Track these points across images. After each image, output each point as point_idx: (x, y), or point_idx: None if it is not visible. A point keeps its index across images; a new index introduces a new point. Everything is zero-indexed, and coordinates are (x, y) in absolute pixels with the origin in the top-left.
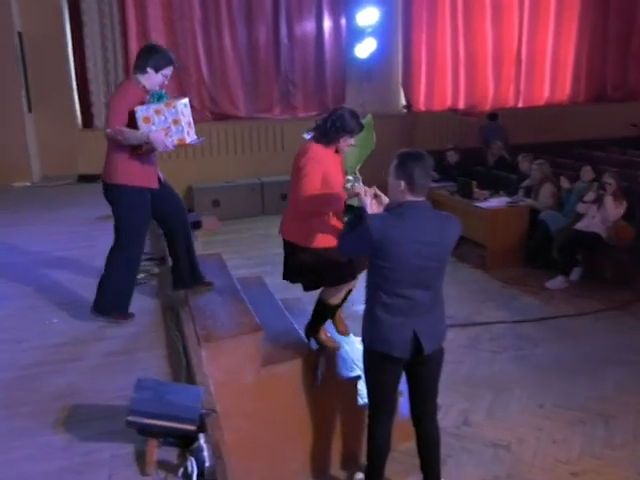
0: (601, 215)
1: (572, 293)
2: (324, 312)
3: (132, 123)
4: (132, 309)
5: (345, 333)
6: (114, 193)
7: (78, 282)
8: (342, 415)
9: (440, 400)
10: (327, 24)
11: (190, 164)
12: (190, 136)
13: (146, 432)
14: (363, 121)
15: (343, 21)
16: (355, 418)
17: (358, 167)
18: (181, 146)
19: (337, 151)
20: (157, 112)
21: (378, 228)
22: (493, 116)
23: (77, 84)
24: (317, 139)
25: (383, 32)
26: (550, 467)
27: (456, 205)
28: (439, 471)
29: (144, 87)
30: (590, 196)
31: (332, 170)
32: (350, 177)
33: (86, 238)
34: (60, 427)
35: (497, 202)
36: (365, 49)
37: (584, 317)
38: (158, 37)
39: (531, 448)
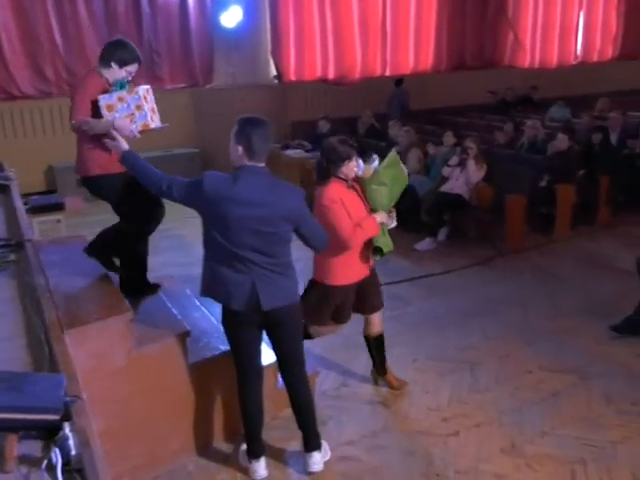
0: (464, 177)
1: (440, 252)
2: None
3: (96, 113)
4: None
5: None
6: (93, 185)
7: None
8: (220, 388)
9: (319, 365)
10: None
11: (50, 141)
12: (154, 121)
13: (3, 427)
14: (388, 158)
15: None
16: (234, 390)
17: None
18: (146, 131)
19: (350, 185)
20: (120, 99)
21: (211, 184)
22: (399, 82)
23: None
24: (322, 181)
25: (249, 0)
26: (423, 416)
27: None
28: (316, 431)
29: (107, 80)
30: (454, 160)
31: (350, 204)
32: (383, 218)
33: None
34: None
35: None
36: (231, 18)
37: (451, 274)
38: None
39: (406, 401)
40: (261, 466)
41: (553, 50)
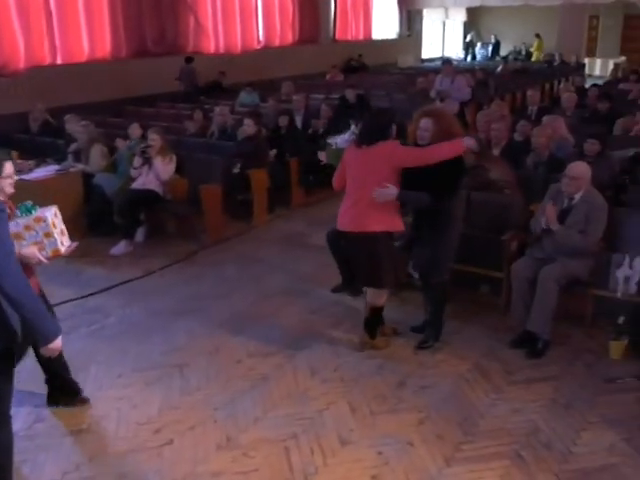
0: (153, 173)
1: (139, 254)
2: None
3: None
4: None
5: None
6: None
7: None
8: None
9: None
10: None
11: None
12: (64, 245)
13: None
14: None
15: None
16: None
17: None
18: (56, 257)
19: None
20: (27, 228)
21: None
22: (189, 59)
23: None
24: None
25: None
26: (133, 433)
27: None
28: None
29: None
30: (137, 161)
31: None
32: None
33: None
34: None
35: (45, 171)
36: None
37: (153, 276)
38: None
39: (113, 421)
40: None
41: (236, 35)
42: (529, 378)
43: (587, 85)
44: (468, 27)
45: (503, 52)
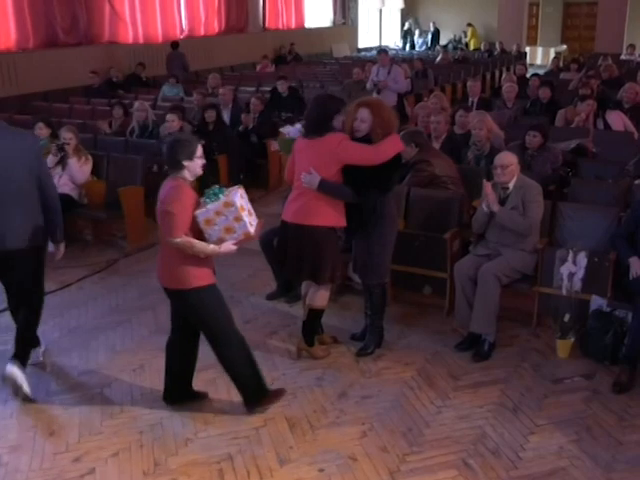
0: (68, 175)
1: (53, 265)
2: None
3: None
4: None
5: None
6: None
7: None
8: None
9: None
10: None
11: None
12: (253, 226)
13: None
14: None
15: None
16: None
17: None
18: (247, 240)
19: None
20: (217, 213)
21: None
22: (175, 44)
23: None
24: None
25: None
26: (49, 464)
27: None
28: None
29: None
30: (51, 161)
31: None
32: None
33: None
34: None
35: None
36: None
37: (69, 289)
38: None
39: (26, 452)
40: None
41: (156, 24)
42: (476, 382)
43: (529, 75)
44: (406, 15)
45: (443, 41)
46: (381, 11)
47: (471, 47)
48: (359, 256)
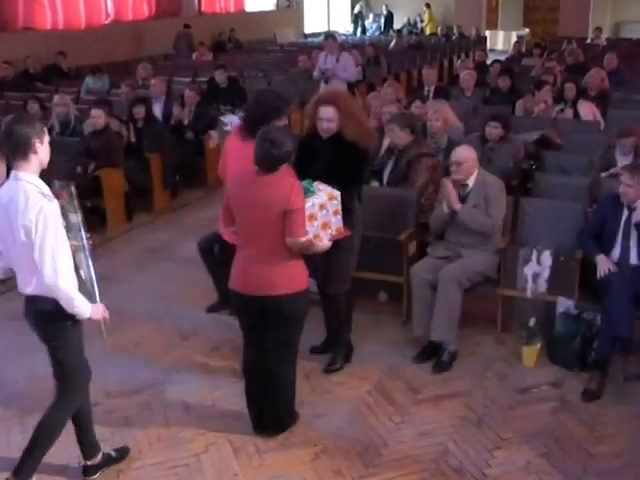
0: None
1: None
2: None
3: None
4: None
5: None
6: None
7: None
8: None
9: None
10: None
11: None
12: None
13: None
14: None
15: None
16: None
17: None
18: (339, 236)
19: None
20: (321, 207)
21: None
22: (187, 25)
23: None
24: None
25: None
26: None
27: None
28: None
29: None
30: None
31: None
32: None
33: None
34: None
35: None
36: None
37: None
38: None
39: None
40: None
41: (78, 7)
42: (437, 395)
43: (489, 61)
44: None
45: (397, 25)
46: None
47: (427, 32)
48: (321, 263)
